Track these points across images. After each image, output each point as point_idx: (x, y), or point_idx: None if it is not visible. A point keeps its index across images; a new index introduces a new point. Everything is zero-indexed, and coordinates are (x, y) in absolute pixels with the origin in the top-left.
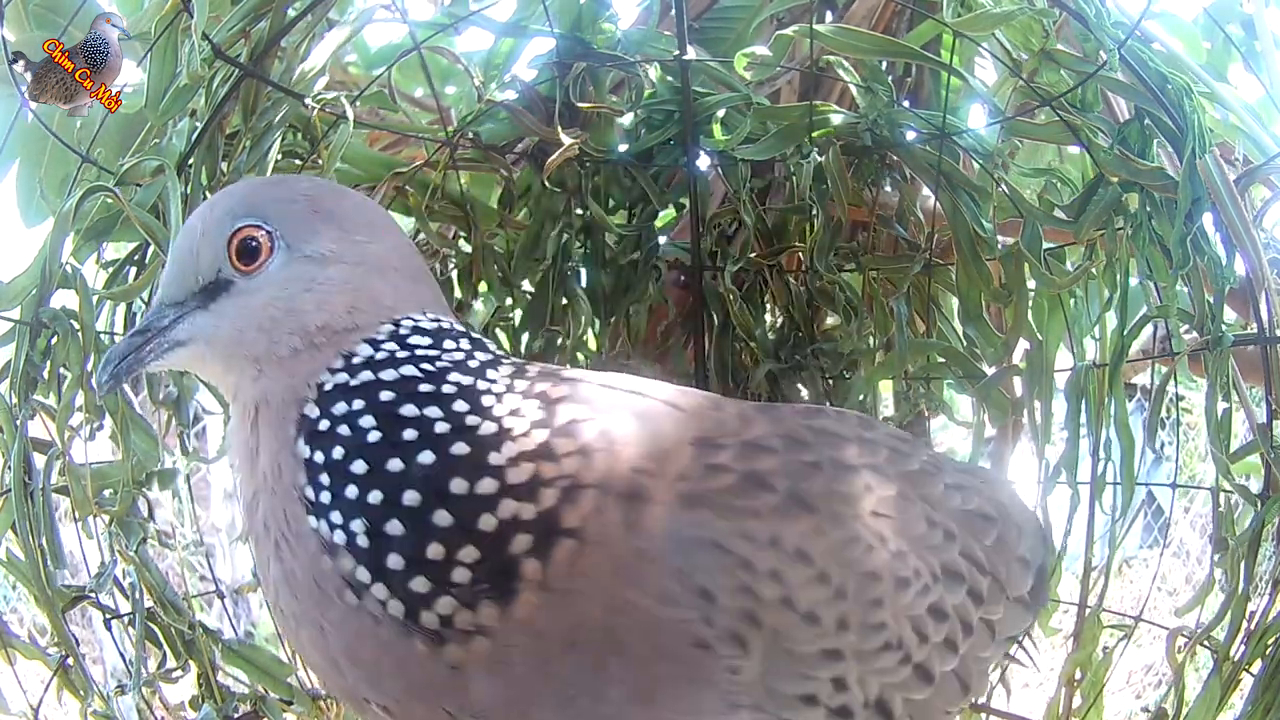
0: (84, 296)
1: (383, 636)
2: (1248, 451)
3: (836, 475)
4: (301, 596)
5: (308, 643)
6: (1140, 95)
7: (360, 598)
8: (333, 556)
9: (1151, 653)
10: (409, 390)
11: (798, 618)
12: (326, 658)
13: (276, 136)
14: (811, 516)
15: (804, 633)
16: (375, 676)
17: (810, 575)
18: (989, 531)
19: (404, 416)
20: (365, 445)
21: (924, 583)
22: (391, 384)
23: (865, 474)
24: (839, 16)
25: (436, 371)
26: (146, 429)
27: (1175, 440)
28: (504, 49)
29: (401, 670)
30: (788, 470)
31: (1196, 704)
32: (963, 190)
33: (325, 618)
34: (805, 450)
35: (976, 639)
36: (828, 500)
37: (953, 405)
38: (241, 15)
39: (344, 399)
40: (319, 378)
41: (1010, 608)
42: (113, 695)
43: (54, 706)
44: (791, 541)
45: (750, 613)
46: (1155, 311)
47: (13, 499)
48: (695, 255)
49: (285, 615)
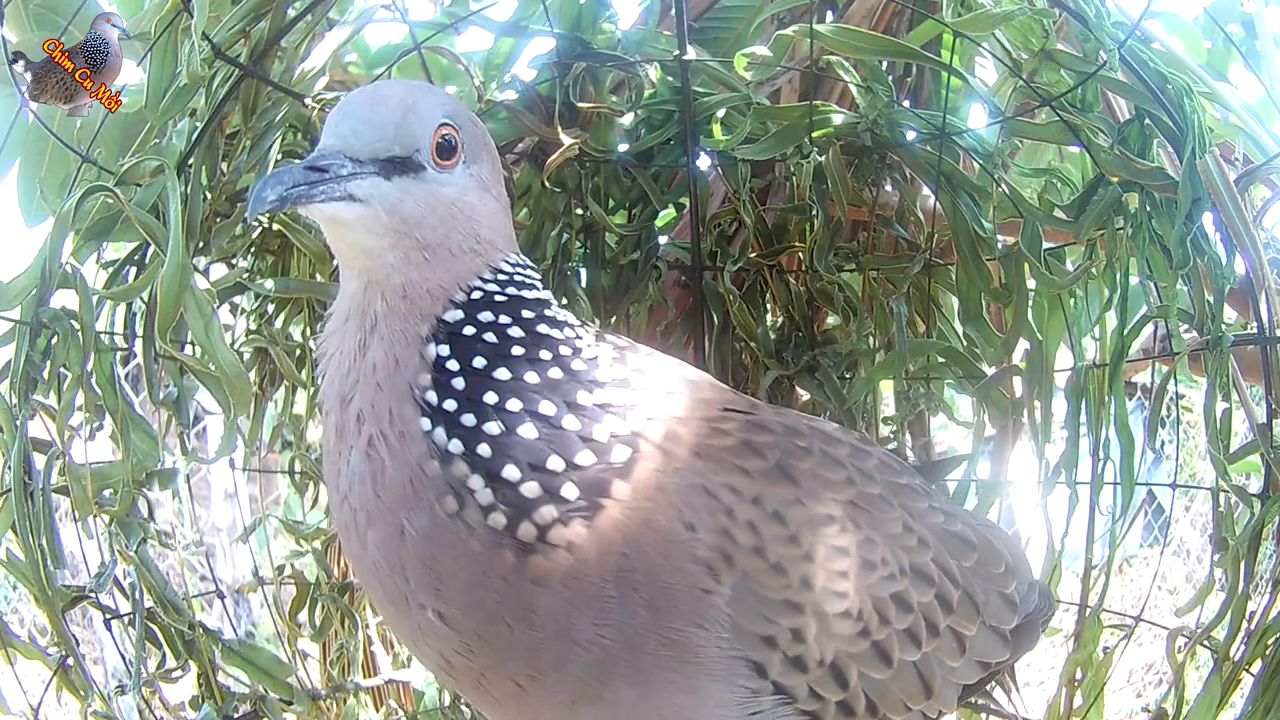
0: (84, 296)
1: (472, 548)
2: (1248, 451)
3: (824, 462)
4: (386, 496)
5: (375, 543)
6: (1140, 95)
7: (461, 507)
8: (443, 463)
9: (1152, 652)
10: (540, 312)
11: (766, 566)
12: (391, 561)
13: (276, 136)
14: (793, 488)
15: (771, 580)
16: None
17: (783, 534)
18: (968, 554)
19: (540, 334)
20: (509, 356)
21: (890, 571)
22: (530, 303)
23: (851, 470)
24: (839, 16)
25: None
26: (146, 429)
27: (1175, 440)
28: (504, 49)
29: (479, 581)
30: (781, 447)
31: (1197, 703)
32: (963, 190)
33: (411, 522)
34: (800, 438)
35: (943, 644)
36: (811, 480)
37: (953, 405)
38: (241, 15)
39: (490, 309)
40: (472, 282)
41: (986, 633)
42: (113, 695)
43: (54, 706)
44: (771, 503)
45: (725, 551)
46: (1155, 311)
47: (13, 499)
48: (695, 255)
49: (354, 510)
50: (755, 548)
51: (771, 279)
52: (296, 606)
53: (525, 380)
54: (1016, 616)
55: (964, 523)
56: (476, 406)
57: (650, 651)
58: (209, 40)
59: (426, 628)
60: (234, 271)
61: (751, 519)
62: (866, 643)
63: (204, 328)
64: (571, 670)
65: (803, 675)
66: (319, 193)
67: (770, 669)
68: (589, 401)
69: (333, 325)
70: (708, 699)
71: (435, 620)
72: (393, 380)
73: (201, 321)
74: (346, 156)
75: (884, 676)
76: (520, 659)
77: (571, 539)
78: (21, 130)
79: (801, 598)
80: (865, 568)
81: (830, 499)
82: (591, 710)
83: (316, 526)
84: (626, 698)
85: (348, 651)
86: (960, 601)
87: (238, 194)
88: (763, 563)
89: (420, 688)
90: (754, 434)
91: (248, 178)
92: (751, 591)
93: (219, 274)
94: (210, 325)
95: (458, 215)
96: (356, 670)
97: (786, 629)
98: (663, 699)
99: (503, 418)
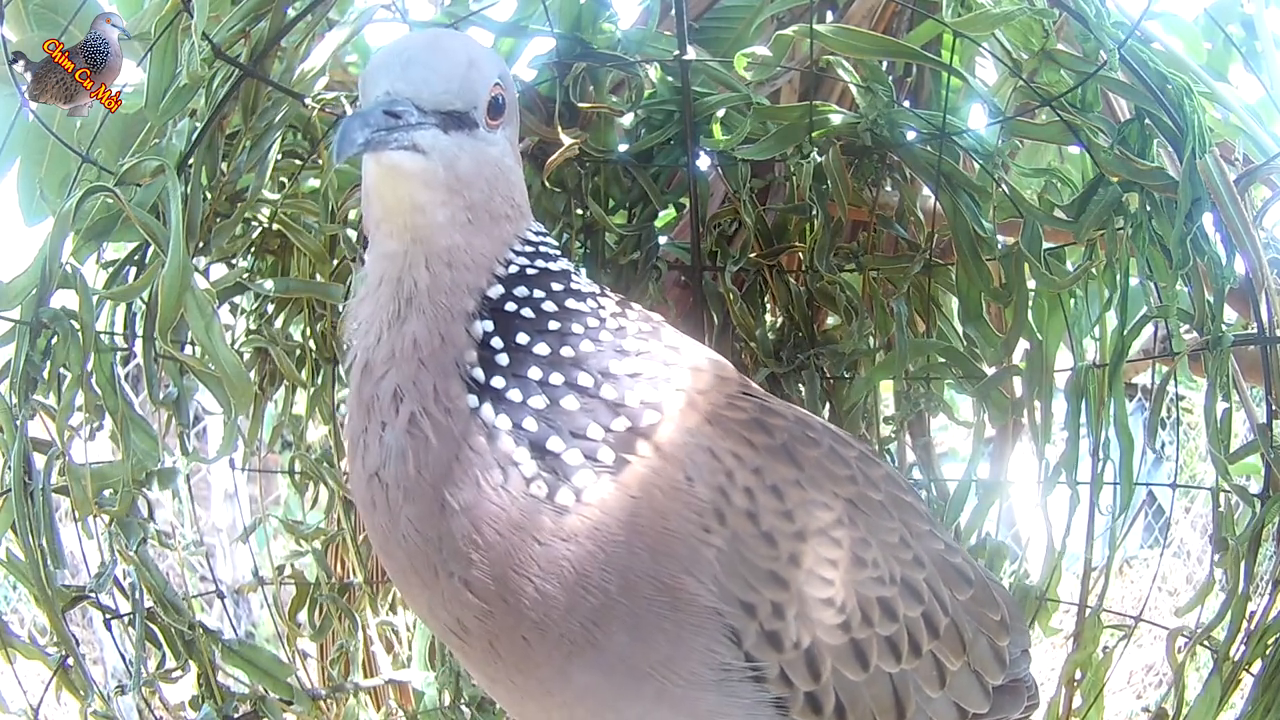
0: (84, 296)
1: (513, 517)
2: (1248, 451)
3: (830, 456)
4: (429, 474)
5: (413, 516)
6: (1140, 95)
7: (506, 479)
8: (489, 439)
9: (1152, 652)
10: (567, 285)
11: (757, 532)
12: (427, 534)
13: (276, 136)
14: (796, 471)
15: (759, 548)
16: (482, 554)
17: (778, 508)
18: (962, 588)
19: (569, 308)
20: (547, 331)
21: (880, 574)
22: (557, 275)
23: (856, 471)
24: (839, 16)
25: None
26: (146, 429)
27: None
28: (504, 49)
29: (516, 549)
30: (790, 432)
31: (1197, 704)
32: (963, 190)
33: (456, 497)
34: (811, 430)
35: (922, 668)
36: (814, 468)
37: (953, 405)
38: (241, 15)
39: (525, 284)
40: (507, 255)
41: (969, 675)
42: (113, 695)
43: (54, 706)
44: (772, 478)
45: (719, 509)
46: (1155, 311)
47: (13, 499)
48: (695, 255)
49: (385, 486)
50: (748, 512)
51: (771, 279)
52: (296, 606)
53: (562, 354)
54: (1003, 674)
55: (965, 559)
56: (522, 382)
57: (645, 595)
58: (209, 40)
59: (451, 595)
60: (234, 271)
61: (749, 485)
62: (845, 638)
63: (205, 327)
64: (576, 616)
65: (776, 654)
66: (393, 139)
67: (746, 638)
68: (621, 370)
69: (364, 291)
70: (693, 653)
71: (461, 587)
72: (438, 357)
73: (202, 321)
74: (414, 105)
75: (857, 679)
76: (536, 613)
77: (603, 496)
78: (21, 130)
79: (787, 574)
80: (855, 563)
81: (830, 490)
82: (585, 659)
83: (316, 526)
84: (618, 643)
85: (347, 651)
86: (947, 630)
87: (238, 194)
88: (754, 528)
89: (420, 688)
90: (767, 415)
91: (248, 178)
92: (739, 554)
93: (219, 274)
94: (211, 325)
95: (499, 177)
96: (356, 670)
97: (768, 600)
98: (651, 647)
99: (547, 391)
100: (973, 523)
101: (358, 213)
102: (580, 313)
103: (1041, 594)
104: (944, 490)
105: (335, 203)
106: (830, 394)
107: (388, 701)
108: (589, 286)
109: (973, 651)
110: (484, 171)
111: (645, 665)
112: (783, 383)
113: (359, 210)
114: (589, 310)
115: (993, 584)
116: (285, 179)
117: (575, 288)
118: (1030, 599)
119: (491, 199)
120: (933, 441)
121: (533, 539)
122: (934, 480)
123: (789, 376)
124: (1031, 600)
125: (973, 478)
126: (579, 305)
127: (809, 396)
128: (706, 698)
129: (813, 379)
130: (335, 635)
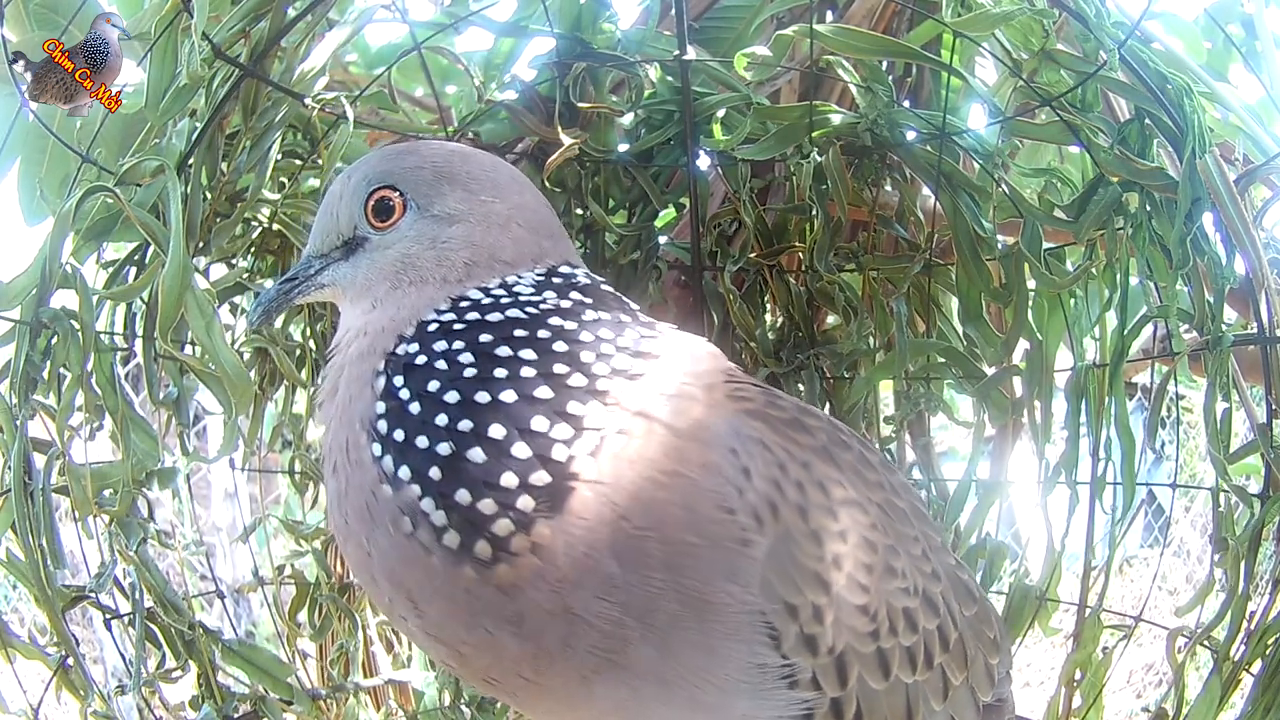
0: (84, 296)
1: (432, 565)
2: (1248, 451)
3: (863, 461)
4: (351, 519)
5: (351, 559)
6: (1140, 95)
7: (415, 527)
8: (394, 487)
9: (1152, 652)
10: (506, 334)
11: (807, 529)
12: (368, 575)
13: (276, 136)
14: (838, 472)
15: (808, 546)
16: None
17: (824, 504)
18: (970, 604)
19: (498, 356)
20: (461, 379)
21: (908, 585)
22: (493, 325)
23: (883, 477)
24: (839, 16)
25: (539, 315)
26: (146, 429)
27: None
28: (504, 49)
29: (447, 596)
30: (828, 434)
31: (1197, 704)
32: (963, 190)
33: (372, 542)
34: (842, 434)
35: (931, 680)
36: (853, 470)
37: (953, 405)
38: (241, 15)
39: (446, 338)
40: (424, 316)
41: (966, 692)
42: (113, 695)
43: (54, 706)
44: (819, 474)
45: (773, 501)
46: (1155, 311)
47: (13, 499)
48: (695, 255)
49: (337, 530)
50: (800, 507)
51: (771, 279)
52: (296, 606)
53: (476, 400)
54: (991, 692)
55: (970, 575)
56: (430, 430)
57: (667, 612)
58: (209, 40)
59: (417, 636)
60: (234, 271)
61: (801, 480)
62: (873, 646)
63: (205, 327)
64: (580, 645)
65: (811, 658)
66: (295, 294)
67: (785, 641)
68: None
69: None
70: (729, 659)
71: (418, 631)
72: (349, 413)
73: (203, 321)
74: (314, 257)
75: (879, 688)
76: (515, 656)
77: (536, 541)
78: (21, 130)
79: (830, 576)
80: (888, 572)
81: (865, 494)
82: (608, 677)
83: (316, 526)
84: (644, 658)
85: (347, 651)
86: (955, 645)
87: (238, 194)
88: (805, 525)
89: (420, 688)
90: (806, 416)
91: (248, 178)
92: (788, 553)
93: (219, 274)
94: (211, 325)
95: (406, 264)
96: (356, 670)
97: (810, 603)
98: (681, 660)
99: (454, 439)
100: (973, 523)
101: None
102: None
103: (1041, 594)
104: (944, 490)
105: None
106: (830, 394)
107: (388, 701)
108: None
109: (972, 669)
110: (383, 270)
111: (675, 676)
112: (783, 383)
113: None
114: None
115: (987, 602)
116: (285, 179)
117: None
118: (1030, 599)
119: (398, 285)
120: (933, 441)
121: (461, 589)
122: (934, 480)
123: (789, 376)
124: (1031, 600)
125: (973, 478)
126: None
127: (809, 396)
128: (740, 703)
129: (813, 379)
130: (335, 635)
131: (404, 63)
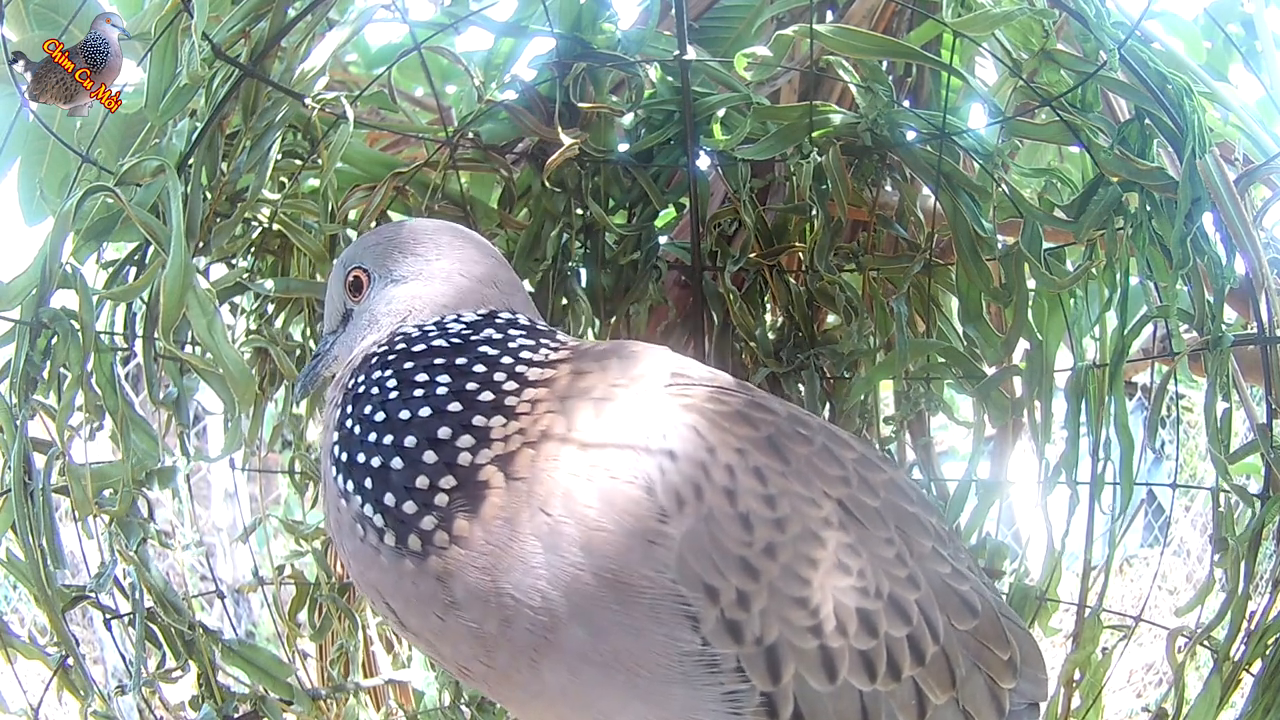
0: (84, 296)
1: (383, 563)
2: (1248, 451)
3: (822, 455)
4: (333, 534)
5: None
6: (1140, 95)
7: (365, 532)
8: (348, 501)
9: (1152, 652)
10: (426, 362)
11: (733, 513)
12: (353, 579)
13: (276, 136)
14: (780, 463)
15: (733, 530)
16: (385, 596)
17: (759, 492)
18: (964, 618)
19: (415, 380)
20: (386, 400)
21: (864, 586)
22: (417, 354)
23: (850, 473)
24: (839, 16)
25: (464, 345)
26: (146, 429)
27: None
28: (504, 49)
29: (398, 588)
30: (779, 427)
31: (1197, 703)
32: (963, 190)
33: (347, 550)
34: (803, 426)
35: (900, 694)
36: (803, 463)
37: (953, 405)
38: (241, 15)
39: (381, 368)
40: (368, 352)
41: (955, 713)
42: (113, 695)
43: (54, 706)
44: (756, 461)
45: (696, 482)
46: (1155, 311)
47: (13, 499)
48: (695, 255)
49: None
50: (728, 490)
51: (771, 279)
52: (296, 606)
53: (398, 418)
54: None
55: (976, 589)
56: (365, 447)
57: (587, 592)
58: (209, 40)
59: (401, 632)
60: (234, 271)
61: (732, 465)
62: (815, 643)
63: (207, 326)
64: (519, 625)
65: (735, 646)
66: (320, 367)
67: (704, 624)
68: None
69: None
70: (654, 641)
71: (398, 627)
72: (324, 443)
73: (204, 320)
74: (328, 334)
75: (822, 689)
76: (469, 640)
77: (457, 534)
78: (21, 130)
79: (760, 563)
80: (838, 568)
81: (819, 488)
82: (552, 660)
83: (316, 526)
84: (577, 639)
85: (347, 651)
86: (934, 659)
87: (238, 194)
88: (731, 509)
89: (420, 688)
90: (756, 410)
91: (248, 178)
92: (710, 534)
93: (219, 274)
94: (213, 324)
95: (370, 324)
96: (356, 670)
97: (733, 587)
98: (611, 641)
99: (381, 452)
100: (973, 522)
101: (358, 213)
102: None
103: (1041, 594)
104: (944, 490)
105: (335, 203)
106: (830, 394)
107: (388, 701)
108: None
109: (964, 688)
110: (358, 334)
111: (608, 658)
112: (783, 383)
113: (359, 210)
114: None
115: (1010, 622)
116: (285, 179)
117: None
118: (1030, 599)
119: (365, 335)
120: (933, 441)
121: (408, 581)
122: (934, 480)
123: (789, 376)
124: (1031, 600)
125: (973, 477)
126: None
127: (809, 396)
128: (676, 691)
129: (813, 379)
130: (335, 635)
131: (404, 63)
